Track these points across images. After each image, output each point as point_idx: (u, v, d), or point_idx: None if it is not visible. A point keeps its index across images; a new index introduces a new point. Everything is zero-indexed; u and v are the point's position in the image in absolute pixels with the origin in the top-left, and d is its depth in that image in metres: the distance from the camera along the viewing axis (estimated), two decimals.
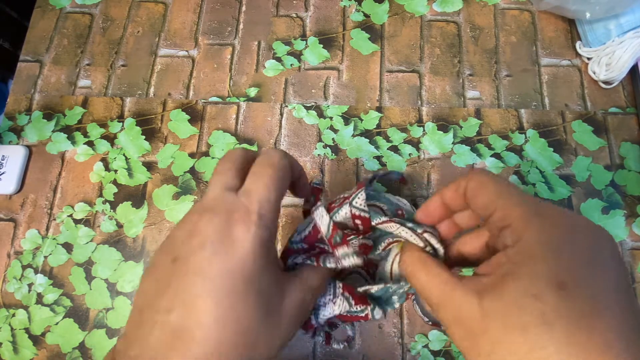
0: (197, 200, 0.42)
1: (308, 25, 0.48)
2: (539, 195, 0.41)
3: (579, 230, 0.18)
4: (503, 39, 0.47)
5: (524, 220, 0.18)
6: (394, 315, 0.38)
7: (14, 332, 0.39)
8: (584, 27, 0.45)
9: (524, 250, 0.17)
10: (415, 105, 0.44)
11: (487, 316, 0.17)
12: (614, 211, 0.40)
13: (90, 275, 0.40)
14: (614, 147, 0.42)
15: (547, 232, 0.17)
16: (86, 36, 0.48)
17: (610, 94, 0.44)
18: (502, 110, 0.44)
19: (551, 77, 0.45)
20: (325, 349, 0.37)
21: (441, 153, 0.43)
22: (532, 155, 0.42)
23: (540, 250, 0.17)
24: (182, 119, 0.45)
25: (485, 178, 0.21)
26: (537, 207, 0.19)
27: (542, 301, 0.16)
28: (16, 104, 0.46)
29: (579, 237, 0.18)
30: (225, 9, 0.49)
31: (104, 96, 0.46)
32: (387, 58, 0.47)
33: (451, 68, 0.46)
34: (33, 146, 0.44)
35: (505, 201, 0.19)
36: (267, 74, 0.46)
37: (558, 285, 0.16)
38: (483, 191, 0.20)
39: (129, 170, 0.43)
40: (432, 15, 0.48)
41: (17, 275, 0.40)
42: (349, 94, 0.45)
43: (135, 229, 0.41)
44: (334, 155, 0.43)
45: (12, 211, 0.42)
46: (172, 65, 0.47)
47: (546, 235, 0.17)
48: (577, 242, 0.17)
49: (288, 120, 0.44)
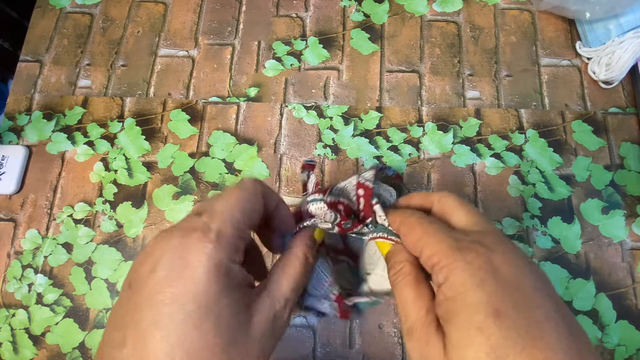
0: (197, 200, 0.42)
1: (308, 25, 0.48)
2: (539, 196, 0.41)
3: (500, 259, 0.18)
4: (503, 39, 0.47)
5: (448, 256, 0.19)
6: (393, 315, 0.38)
7: (14, 332, 0.39)
8: (584, 27, 0.45)
9: (455, 286, 0.18)
10: (415, 105, 0.44)
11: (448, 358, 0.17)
12: (614, 211, 0.40)
13: (90, 275, 0.40)
14: (614, 147, 0.42)
15: (472, 265, 0.18)
16: (86, 36, 0.48)
17: (610, 94, 0.44)
18: (502, 110, 0.44)
19: (551, 77, 0.45)
20: (325, 349, 0.37)
21: (441, 153, 0.43)
22: (532, 155, 0.42)
23: (469, 283, 0.18)
24: (182, 119, 0.45)
25: (413, 219, 0.22)
26: (457, 242, 0.19)
27: (486, 332, 0.16)
28: (16, 104, 0.46)
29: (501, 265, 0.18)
30: (225, 9, 0.49)
31: (104, 96, 0.46)
32: (387, 58, 0.47)
33: (451, 68, 0.46)
34: (33, 146, 0.44)
35: (431, 239, 0.20)
36: (267, 74, 0.46)
37: (495, 314, 0.16)
38: (410, 233, 0.21)
39: (129, 170, 0.43)
40: (432, 15, 0.48)
41: (17, 275, 0.40)
42: (349, 94, 0.45)
43: (135, 229, 0.41)
44: (334, 155, 0.43)
45: (12, 211, 0.42)
46: (172, 65, 0.47)
47: (471, 268, 0.18)
48: (501, 270, 0.18)
49: (288, 120, 0.44)
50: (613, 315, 0.37)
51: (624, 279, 0.38)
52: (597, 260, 0.39)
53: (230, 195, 0.20)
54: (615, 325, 0.37)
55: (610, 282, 0.38)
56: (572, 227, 0.40)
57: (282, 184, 0.42)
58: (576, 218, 0.40)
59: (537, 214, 0.40)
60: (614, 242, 0.39)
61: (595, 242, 0.39)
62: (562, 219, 0.40)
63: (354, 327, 0.38)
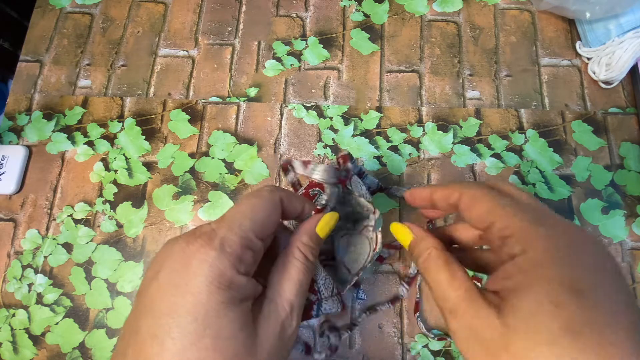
0: (197, 200, 0.42)
1: (308, 25, 0.48)
2: (539, 196, 0.41)
3: (581, 238, 0.18)
4: (503, 39, 0.47)
5: (527, 229, 0.18)
6: (393, 315, 0.38)
7: (14, 332, 0.39)
8: (584, 27, 0.45)
9: (533, 259, 0.17)
10: (415, 105, 0.44)
11: (508, 332, 0.16)
12: (614, 211, 0.40)
13: (90, 275, 0.40)
14: (614, 147, 0.42)
15: (553, 240, 0.17)
16: (86, 36, 0.48)
17: (610, 94, 0.44)
18: (502, 110, 0.44)
19: (551, 77, 0.45)
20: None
21: (441, 153, 0.43)
22: (532, 155, 0.42)
23: (550, 257, 0.17)
24: (182, 119, 0.45)
25: (479, 192, 0.21)
26: (536, 216, 0.18)
27: (564, 309, 0.15)
28: (16, 104, 0.46)
29: (583, 244, 0.17)
30: (225, 9, 0.49)
31: (104, 96, 0.46)
32: (387, 58, 0.47)
33: (451, 68, 0.46)
34: (33, 146, 0.44)
35: (503, 211, 0.19)
36: (267, 74, 0.46)
37: (576, 292, 0.15)
38: (477, 204, 0.20)
39: (129, 170, 0.43)
40: (432, 15, 0.48)
41: (17, 275, 0.40)
42: (349, 94, 0.45)
43: (135, 229, 0.41)
44: (334, 155, 0.43)
45: (12, 211, 0.42)
46: (172, 65, 0.47)
47: (552, 243, 0.17)
48: (583, 249, 0.17)
49: (288, 120, 0.44)
50: None
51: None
52: None
53: (244, 202, 0.20)
54: None
55: None
56: None
57: (282, 184, 0.42)
58: (576, 218, 0.40)
59: None
60: (614, 242, 0.39)
61: None
62: None
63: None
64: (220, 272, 0.17)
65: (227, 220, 0.19)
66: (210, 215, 0.41)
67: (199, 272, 0.17)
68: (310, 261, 0.22)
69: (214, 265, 0.17)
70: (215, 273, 0.17)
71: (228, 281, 0.17)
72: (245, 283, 0.18)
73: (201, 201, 0.42)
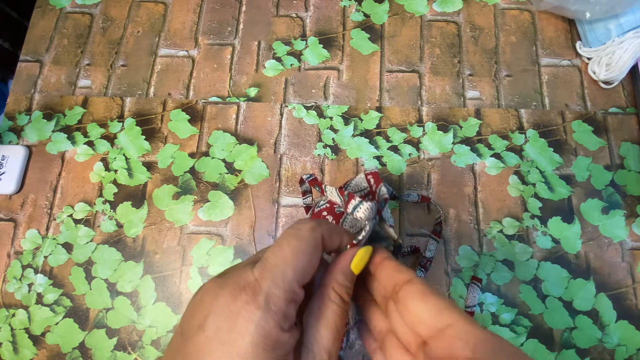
0: (197, 200, 0.42)
1: (308, 25, 0.48)
2: (539, 196, 0.41)
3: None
4: (503, 39, 0.47)
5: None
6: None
7: (14, 332, 0.39)
8: (584, 27, 0.45)
9: None
10: (415, 105, 0.44)
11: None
12: (614, 211, 0.40)
13: (90, 275, 0.40)
14: (614, 147, 0.42)
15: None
16: (86, 36, 0.48)
17: (610, 94, 0.44)
18: (502, 110, 0.44)
19: (551, 77, 0.45)
20: None
21: (441, 153, 0.43)
22: (532, 155, 0.42)
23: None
24: (182, 119, 0.45)
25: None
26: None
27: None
28: (16, 104, 0.46)
29: None
30: (225, 9, 0.49)
31: (104, 96, 0.46)
32: (387, 58, 0.47)
33: (451, 68, 0.46)
34: (33, 146, 0.44)
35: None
36: (267, 74, 0.46)
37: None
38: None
39: (129, 170, 0.43)
40: (432, 15, 0.48)
41: (17, 275, 0.40)
42: (349, 94, 0.45)
43: (135, 229, 0.41)
44: (334, 155, 0.43)
45: (12, 211, 0.42)
46: (172, 65, 0.47)
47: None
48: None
49: (288, 120, 0.44)
50: (613, 315, 0.37)
51: (624, 279, 0.38)
52: (597, 260, 0.39)
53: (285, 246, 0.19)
54: (615, 325, 0.37)
55: (610, 282, 0.38)
56: (572, 227, 0.40)
57: (282, 184, 0.42)
58: (576, 218, 0.40)
59: (537, 214, 0.40)
60: (614, 242, 0.39)
61: (595, 242, 0.39)
62: (562, 219, 0.40)
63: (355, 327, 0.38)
64: (266, 332, 0.17)
65: (270, 270, 0.18)
66: (210, 215, 0.41)
67: (245, 332, 0.17)
68: (346, 302, 0.21)
69: (260, 325, 0.17)
70: (261, 334, 0.17)
71: (274, 342, 0.17)
72: (288, 339, 0.18)
73: (201, 201, 0.42)
